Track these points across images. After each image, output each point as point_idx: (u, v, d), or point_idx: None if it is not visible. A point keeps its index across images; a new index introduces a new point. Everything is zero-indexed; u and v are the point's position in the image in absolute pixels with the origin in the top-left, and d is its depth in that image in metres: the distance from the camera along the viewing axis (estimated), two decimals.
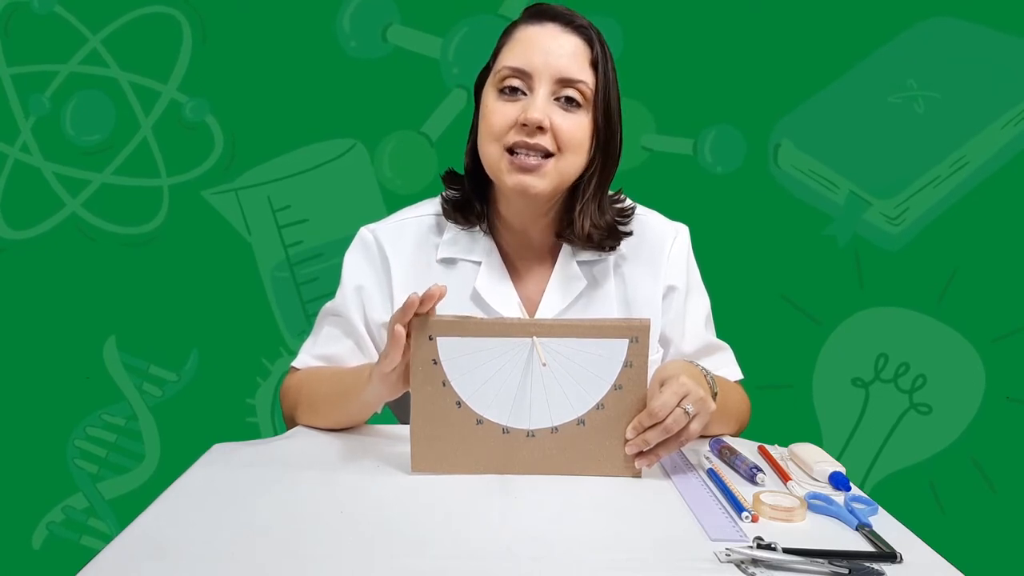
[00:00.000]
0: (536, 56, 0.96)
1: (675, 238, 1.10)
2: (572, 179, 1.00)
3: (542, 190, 0.97)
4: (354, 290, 1.08)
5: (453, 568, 0.65)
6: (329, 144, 1.75)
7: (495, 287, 1.05)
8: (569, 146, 0.97)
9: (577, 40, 0.98)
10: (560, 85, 0.96)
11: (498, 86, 0.98)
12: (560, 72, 0.96)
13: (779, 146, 1.74)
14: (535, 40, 0.98)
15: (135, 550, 0.67)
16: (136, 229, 1.77)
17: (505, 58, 0.99)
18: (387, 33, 1.72)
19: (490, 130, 0.98)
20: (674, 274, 1.08)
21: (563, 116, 0.96)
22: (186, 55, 1.74)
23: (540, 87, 0.96)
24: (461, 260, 1.07)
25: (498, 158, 0.97)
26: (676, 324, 1.08)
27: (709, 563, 0.66)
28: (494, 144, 0.97)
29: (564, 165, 0.97)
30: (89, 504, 1.80)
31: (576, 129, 0.97)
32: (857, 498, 0.79)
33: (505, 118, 0.96)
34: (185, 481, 0.83)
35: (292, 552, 0.67)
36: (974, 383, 1.74)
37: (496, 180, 1.01)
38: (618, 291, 1.07)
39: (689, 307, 1.10)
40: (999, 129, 1.70)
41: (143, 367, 1.79)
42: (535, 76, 0.96)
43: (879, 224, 1.74)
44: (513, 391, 0.84)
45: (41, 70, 1.74)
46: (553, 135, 0.96)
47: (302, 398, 1.04)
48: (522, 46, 0.98)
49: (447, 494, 0.80)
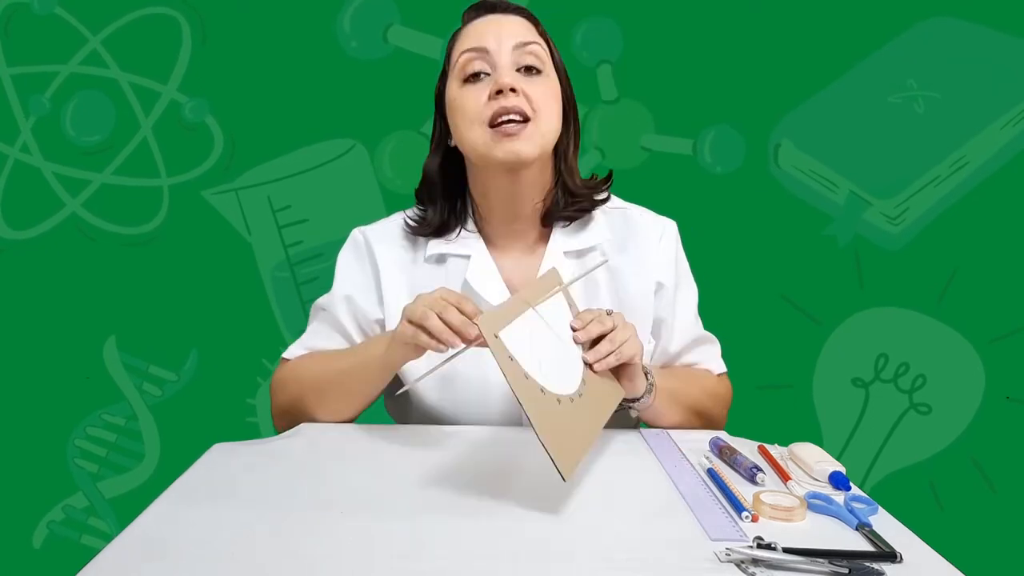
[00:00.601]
0: (488, 36, 1.01)
1: (663, 233, 1.11)
2: (552, 142, 1.03)
3: (530, 152, 0.99)
4: (343, 299, 1.09)
5: (453, 568, 0.65)
6: (329, 144, 1.75)
7: (485, 280, 1.06)
8: (543, 108, 1.00)
9: (519, 18, 1.05)
10: (518, 52, 1.00)
11: (461, 76, 1.02)
12: (515, 38, 1.01)
13: (779, 146, 1.74)
14: (483, 27, 1.04)
15: (135, 550, 0.67)
16: (136, 229, 1.78)
17: (459, 48, 1.04)
18: (388, 34, 1.72)
19: (466, 115, 1.00)
20: (663, 270, 1.09)
21: (528, 82, 1.00)
22: (186, 56, 1.74)
23: (501, 59, 1.00)
24: (450, 256, 1.09)
25: (484, 137, 0.99)
26: (666, 319, 1.09)
27: (709, 563, 0.66)
28: (476, 126, 1.00)
29: (543, 127, 1.00)
30: (89, 503, 1.80)
31: (544, 91, 1.01)
32: (857, 498, 0.79)
33: (478, 99, 0.99)
34: (185, 481, 0.83)
35: (292, 552, 0.67)
36: (974, 383, 1.74)
37: (485, 160, 1.02)
38: (607, 282, 1.08)
39: (679, 302, 1.11)
40: (999, 129, 1.70)
41: (143, 367, 1.79)
42: (492, 51, 1.00)
43: (879, 224, 1.74)
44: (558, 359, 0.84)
45: (41, 70, 1.74)
46: (526, 99, 0.99)
47: (307, 383, 1.04)
48: (472, 34, 1.03)
49: (447, 494, 0.80)
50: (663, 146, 1.75)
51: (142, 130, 1.77)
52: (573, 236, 1.09)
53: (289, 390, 1.06)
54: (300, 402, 1.04)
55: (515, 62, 1.00)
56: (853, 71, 1.72)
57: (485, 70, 1.00)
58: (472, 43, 1.01)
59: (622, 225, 1.11)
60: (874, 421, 1.77)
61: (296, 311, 1.77)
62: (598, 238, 1.09)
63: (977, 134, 1.71)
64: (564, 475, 0.73)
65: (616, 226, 1.11)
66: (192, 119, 1.76)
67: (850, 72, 1.72)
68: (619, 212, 1.13)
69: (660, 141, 1.75)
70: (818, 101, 1.73)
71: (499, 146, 0.98)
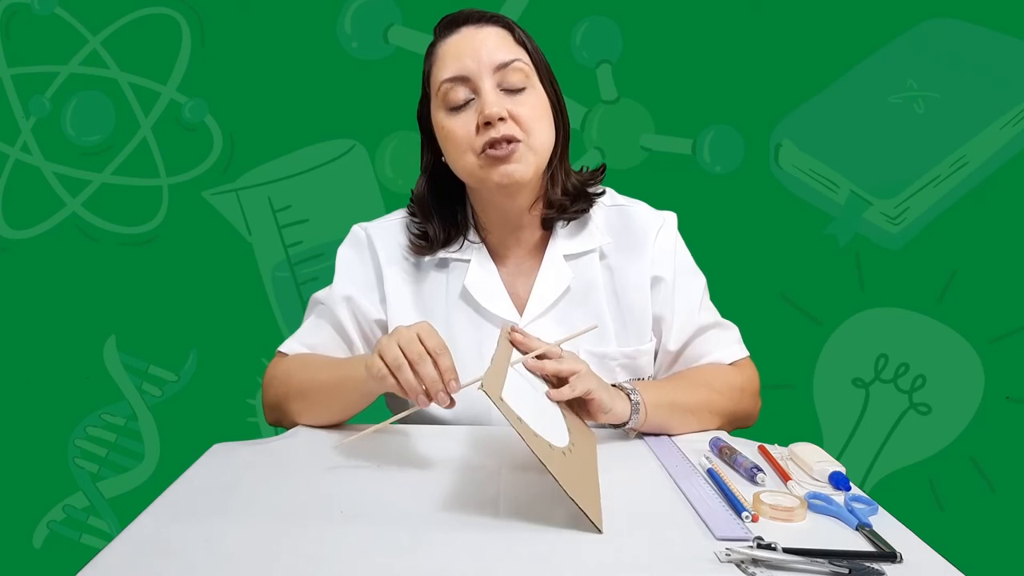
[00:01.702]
0: (466, 59, 0.99)
1: (660, 227, 1.10)
2: (546, 157, 1.03)
3: (523, 174, 0.99)
4: (343, 299, 1.09)
5: (453, 568, 0.65)
6: (330, 144, 1.75)
7: (484, 285, 1.06)
8: (533, 126, 0.99)
9: (495, 29, 1.01)
10: (500, 72, 0.99)
11: (445, 105, 1.00)
12: (494, 60, 0.99)
13: (780, 146, 1.74)
14: (458, 46, 1.00)
15: (135, 550, 0.68)
16: (136, 229, 1.78)
17: (438, 75, 1.01)
18: (388, 34, 1.72)
19: (457, 145, 1.00)
20: (660, 264, 1.08)
21: (515, 102, 0.99)
22: (185, 56, 1.74)
23: (483, 84, 0.98)
24: (451, 259, 1.09)
25: (475, 162, 0.99)
26: (666, 316, 1.08)
27: (709, 563, 0.66)
28: (467, 155, 0.99)
29: (535, 144, 1.00)
30: (89, 503, 1.81)
31: (532, 109, 1.00)
32: (857, 498, 0.79)
33: (467, 128, 0.99)
34: (185, 481, 0.83)
35: (292, 551, 0.67)
36: (973, 383, 1.75)
37: (481, 186, 1.02)
38: (606, 282, 1.08)
39: (678, 294, 1.09)
40: (998, 129, 1.71)
41: (143, 367, 1.80)
42: (473, 77, 0.99)
43: (879, 223, 1.75)
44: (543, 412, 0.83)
45: (41, 71, 1.74)
46: (515, 121, 0.98)
47: (293, 386, 1.03)
48: (449, 57, 1.01)
49: (447, 494, 0.80)
50: (663, 146, 1.75)
51: (142, 130, 1.77)
52: (572, 239, 1.09)
53: (276, 389, 1.06)
54: (285, 403, 1.04)
55: (498, 82, 0.99)
56: (853, 71, 1.72)
57: (469, 96, 0.99)
58: (451, 71, 0.99)
59: (620, 223, 1.10)
60: (874, 421, 1.77)
61: (296, 311, 1.77)
62: (597, 241, 1.09)
63: (977, 134, 1.71)
64: (599, 527, 0.71)
65: (614, 225, 1.11)
66: (191, 119, 1.76)
67: (850, 72, 1.72)
68: (617, 209, 1.12)
69: (660, 141, 1.75)
70: (819, 101, 1.73)
71: (494, 171, 0.98)
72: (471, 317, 1.06)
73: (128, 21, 1.74)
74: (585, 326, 0.96)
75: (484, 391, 0.73)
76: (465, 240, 1.09)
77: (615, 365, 1.06)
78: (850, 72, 1.72)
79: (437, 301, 1.08)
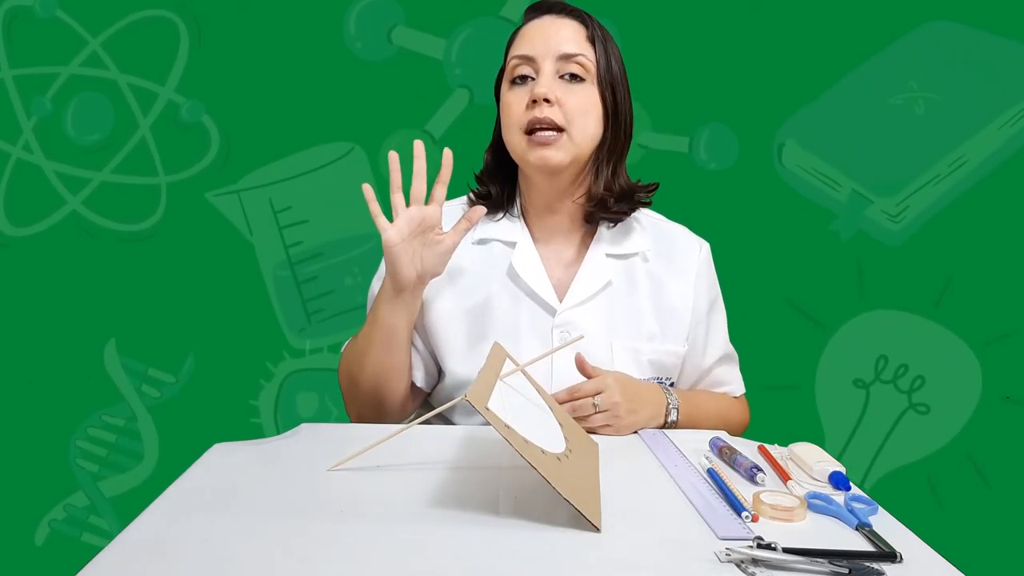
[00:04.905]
0: (538, 42, 1.06)
1: (700, 251, 1.15)
2: (588, 150, 1.07)
3: (560, 161, 1.04)
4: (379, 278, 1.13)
5: (453, 568, 0.65)
6: (330, 146, 1.76)
7: (530, 266, 1.10)
8: (577, 118, 1.04)
9: (572, 22, 1.07)
10: (562, 62, 1.04)
11: (510, 78, 1.08)
12: (559, 50, 1.05)
13: (783, 145, 1.76)
14: (535, 30, 1.07)
15: (135, 549, 0.67)
16: (135, 226, 1.79)
17: (512, 51, 1.09)
18: (392, 34, 1.72)
19: (510, 119, 1.06)
20: (702, 291, 1.13)
21: (568, 90, 1.04)
22: (183, 57, 1.75)
23: (544, 67, 1.04)
24: (494, 241, 1.12)
25: (521, 143, 1.05)
26: (700, 339, 1.14)
27: (709, 563, 0.66)
28: (516, 133, 1.06)
29: (577, 136, 1.04)
30: (90, 502, 1.81)
31: (582, 101, 1.05)
32: (857, 498, 0.79)
33: (519, 104, 1.05)
34: (185, 481, 0.83)
35: (292, 551, 0.67)
36: (971, 383, 1.76)
37: (522, 164, 1.08)
38: (647, 285, 1.11)
39: (713, 322, 1.15)
40: (996, 129, 1.72)
41: (143, 368, 1.80)
42: (538, 59, 1.05)
43: (880, 221, 1.76)
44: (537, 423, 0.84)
45: (43, 72, 1.75)
46: (561, 109, 1.03)
47: (352, 361, 1.09)
48: (525, 38, 1.08)
49: (447, 494, 0.80)
50: (659, 143, 1.76)
51: (140, 130, 1.77)
52: (617, 240, 1.12)
53: (342, 375, 1.12)
54: (351, 381, 1.09)
55: (558, 70, 1.05)
56: (855, 73, 1.74)
57: (530, 74, 1.06)
58: (522, 50, 1.07)
59: (663, 237, 1.15)
60: (874, 421, 1.78)
61: (297, 310, 1.78)
62: (641, 245, 1.13)
63: (975, 134, 1.73)
64: (596, 525, 0.72)
65: (657, 237, 1.15)
66: (189, 119, 1.77)
67: (852, 74, 1.74)
68: (659, 225, 1.17)
69: (656, 139, 1.75)
70: (822, 102, 1.75)
71: (532, 152, 1.04)
72: (514, 294, 1.09)
73: (127, 23, 1.75)
74: (572, 337, 1.01)
75: (468, 401, 0.74)
76: (506, 214, 1.14)
77: (645, 360, 1.09)
78: (852, 74, 1.74)
79: (476, 276, 1.11)
